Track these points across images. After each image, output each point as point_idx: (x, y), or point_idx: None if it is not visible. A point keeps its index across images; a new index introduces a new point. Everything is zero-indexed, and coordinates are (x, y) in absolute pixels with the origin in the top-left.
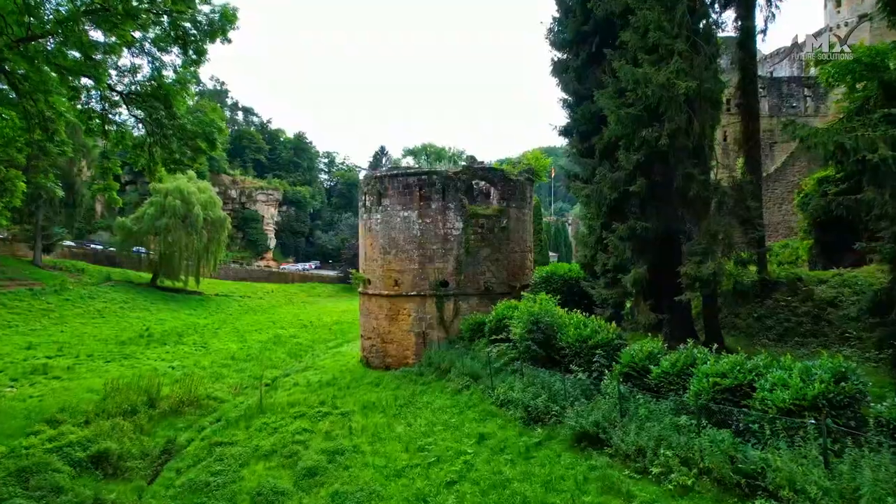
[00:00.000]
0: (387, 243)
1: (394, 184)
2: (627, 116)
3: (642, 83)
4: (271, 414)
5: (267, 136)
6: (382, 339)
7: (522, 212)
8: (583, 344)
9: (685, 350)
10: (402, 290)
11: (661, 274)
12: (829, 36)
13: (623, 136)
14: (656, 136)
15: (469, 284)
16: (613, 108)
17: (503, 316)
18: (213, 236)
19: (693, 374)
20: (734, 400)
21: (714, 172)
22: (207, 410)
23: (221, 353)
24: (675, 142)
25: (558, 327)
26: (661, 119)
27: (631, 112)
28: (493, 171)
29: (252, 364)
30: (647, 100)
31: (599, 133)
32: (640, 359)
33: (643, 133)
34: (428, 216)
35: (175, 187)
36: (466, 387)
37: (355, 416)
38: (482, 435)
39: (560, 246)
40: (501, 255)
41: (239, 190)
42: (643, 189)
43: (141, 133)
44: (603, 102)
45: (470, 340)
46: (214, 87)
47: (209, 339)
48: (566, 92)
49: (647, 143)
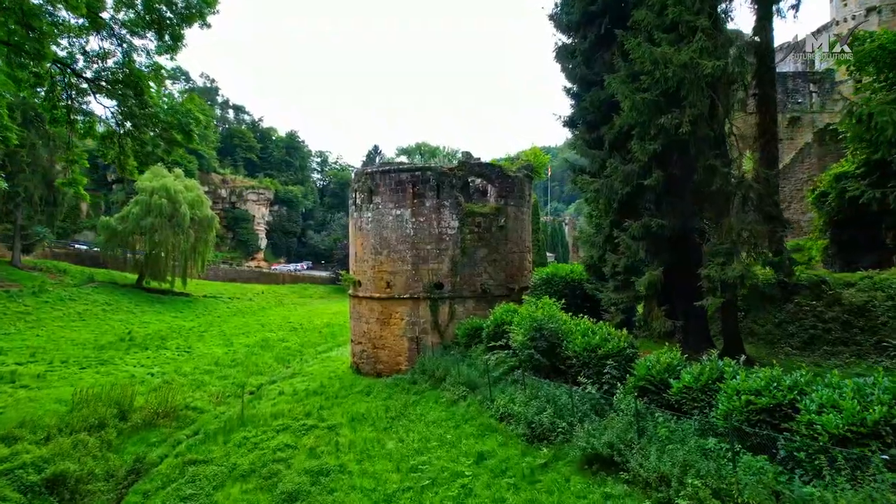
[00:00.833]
0: (378, 243)
1: (386, 180)
2: (643, 102)
3: (661, 64)
4: (253, 427)
5: (258, 135)
6: (373, 344)
7: (521, 210)
8: (591, 353)
9: (709, 362)
10: (395, 292)
11: (675, 276)
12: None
13: (637, 124)
14: (676, 122)
15: (465, 286)
16: (628, 94)
17: (502, 321)
18: (200, 236)
19: (721, 391)
20: (772, 422)
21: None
22: (185, 422)
23: (205, 358)
24: (696, 130)
25: (564, 335)
26: (682, 105)
27: (647, 97)
28: (491, 167)
29: (237, 370)
30: (666, 83)
31: (609, 122)
32: (657, 371)
33: (661, 120)
34: (422, 215)
35: (161, 185)
36: (463, 397)
37: (343, 430)
38: (481, 454)
39: (557, 246)
40: (499, 256)
41: (229, 189)
42: (659, 182)
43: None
44: (615, 87)
45: (466, 346)
46: (204, 85)
47: (194, 342)
48: (571, 79)
49: (664, 132)
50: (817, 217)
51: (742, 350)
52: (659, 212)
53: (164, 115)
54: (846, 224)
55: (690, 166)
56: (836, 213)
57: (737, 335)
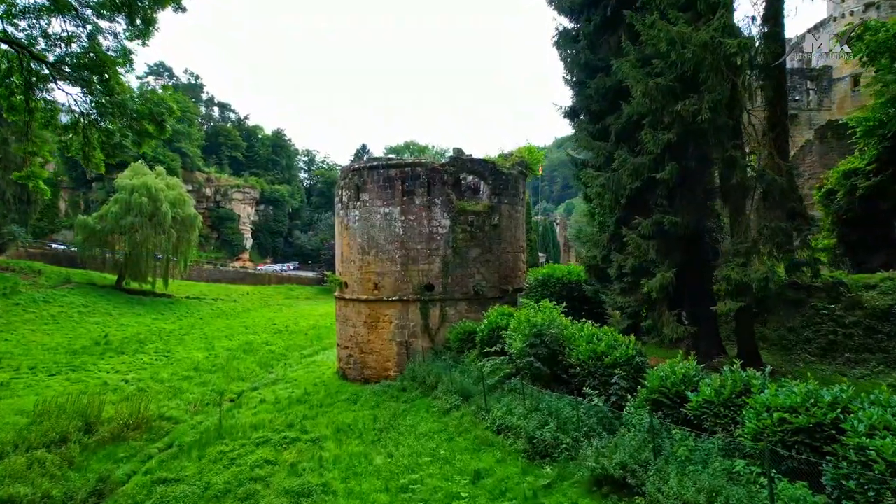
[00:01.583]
0: (366, 242)
1: (373, 177)
2: (657, 88)
3: (678, 44)
4: (231, 439)
5: (244, 133)
6: (360, 348)
7: (515, 208)
8: (597, 362)
9: (731, 373)
10: (383, 294)
11: (685, 278)
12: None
13: (650, 112)
14: (694, 109)
15: (457, 288)
16: (641, 78)
17: (497, 325)
18: (183, 235)
19: (747, 405)
20: (813, 444)
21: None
22: (158, 434)
23: (185, 362)
24: (716, 118)
25: (566, 341)
26: (699, 90)
27: (661, 82)
28: (484, 163)
29: (217, 376)
30: (683, 66)
31: (616, 111)
32: (672, 383)
33: (677, 107)
34: (411, 212)
35: (142, 183)
36: (456, 406)
37: (327, 444)
38: (478, 472)
39: (549, 246)
40: (492, 256)
41: (214, 188)
42: (673, 176)
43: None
44: (626, 72)
45: (458, 352)
46: (189, 82)
47: (173, 346)
48: (573, 67)
49: (680, 120)
50: (824, 216)
51: (758, 358)
52: (672, 208)
53: (133, 104)
54: (855, 223)
55: (706, 159)
56: (844, 212)
57: (752, 342)
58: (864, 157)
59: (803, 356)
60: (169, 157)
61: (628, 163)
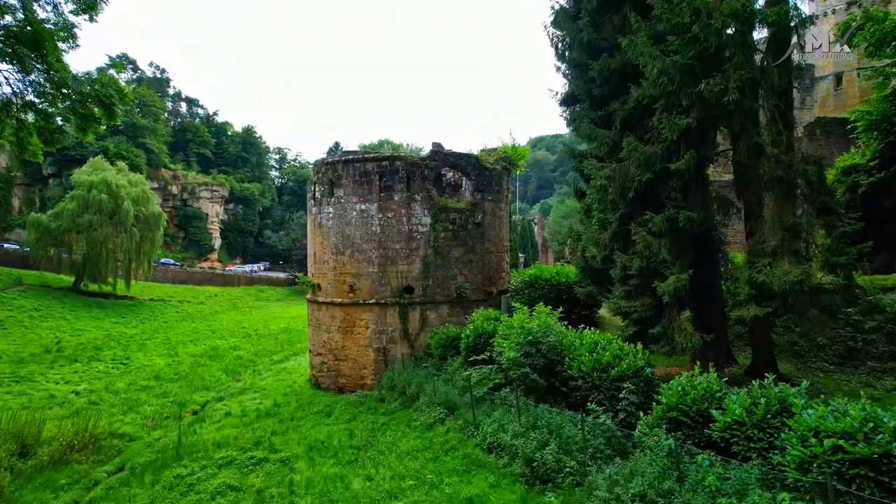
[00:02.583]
0: (340, 242)
1: (349, 171)
2: (674, 66)
3: (703, 14)
4: (191, 460)
5: (213, 130)
6: (335, 355)
7: (499, 206)
8: (602, 374)
9: (762, 387)
10: (359, 297)
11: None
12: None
13: (664, 94)
14: (720, 89)
15: (438, 290)
16: (657, 55)
17: (483, 331)
18: (146, 235)
19: (788, 428)
20: (878, 479)
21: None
22: (108, 455)
23: (144, 371)
24: (744, 99)
25: (565, 350)
26: (723, 69)
27: (678, 60)
28: (467, 157)
29: (180, 385)
30: (704, 42)
31: (621, 96)
32: (693, 399)
33: (699, 87)
34: (390, 209)
35: (101, 180)
36: (440, 420)
37: (299, 464)
38: (470, 500)
39: (527, 246)
40: (475, 256)
41: (181, 185)
42: (691, 166)
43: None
44: (638, 50)
45: (441, 359)
46: (154, 75)
47: (133, 352)
48: (573, 48)
49: (700, 103)
50: None
51: (775, 367)
52: (686, 202)
53: (77, 84)
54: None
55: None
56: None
57: (769, 350)
58: (865, 152)
59: (819, 364)
60: (133, 153)
61: (639, 151)
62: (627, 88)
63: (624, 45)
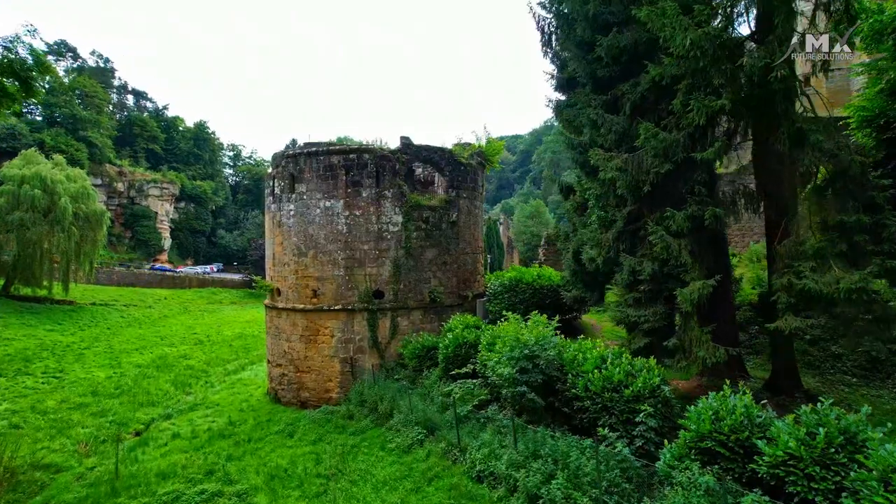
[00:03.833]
0: (303, 242)
1: (312, 164)
2: (707, 38)
3: None
4: (129, 496)
5: (163, 125)
6: (296, 367)
7: (474, 204)
8: (614, 394)
9: (815, 412)
10: (323, 302)
11: None
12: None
13: (691, 72)
14: (764, 63)
15: (410, 295)
16: (689, 25)
17: (464, 340)
18: (87, 234)
19: (862, 467)
20: None
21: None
22: (28, 491)
23: (81, 385)
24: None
25: (567, 366)
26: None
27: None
28: (440, 151)
29: (121, 401)
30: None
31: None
32: (731, 426)
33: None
34: (357, 207)
35: (34, 174)
36: (419, 442)
37: (258, 498)
38: None
39: (493, 247)
40: (450, 258)
41: (128, 182)
42: (720, 155)
43: None
44: (664, 20)
45: (416, 371)
46: (97, 64)
47: (69, 364)
48: (576, 24)
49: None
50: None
51: (799, 382)
52: (712, 197)
53: None
54: None
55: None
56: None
57: (793, 362)
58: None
59: (839, 377)
60: (73, 147)
61: (658, 138)
62: (639, 68)
63: (642, 15)
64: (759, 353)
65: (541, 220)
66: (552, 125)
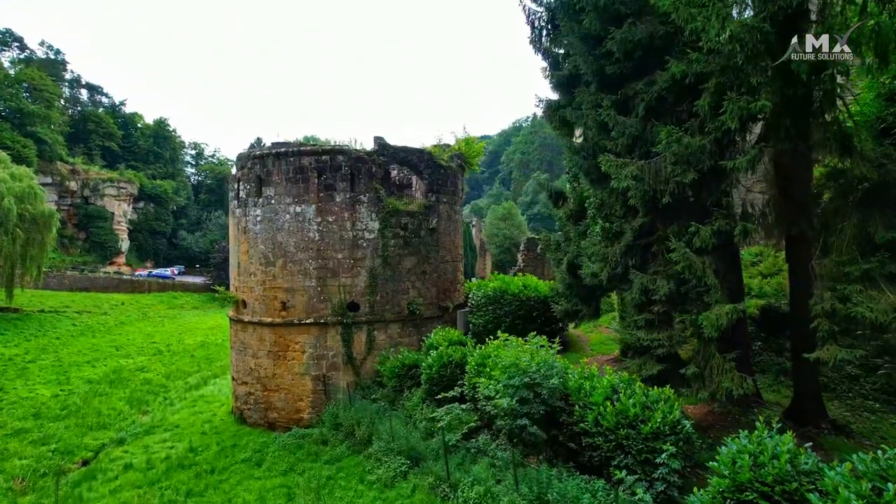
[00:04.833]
0: (271, 250)
1: (281, 166)
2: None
3: None
4: None
5: (120, 121)
6: (264, 385)
7: (454, 209)
8: (631, 430)
9: (879, 460)
10: (293, 316)
11: None
12: None
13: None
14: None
15: (388, 307)
16: (728, 14)
17: (449, 359)
18: (34, 237)
19: None
20: None
21: None
22: None
23: (21, 406)
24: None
25: (572, 396)
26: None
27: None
28: (419, 153)
29: (67, 424)
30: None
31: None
32: (775, 475)
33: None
34: (331, 213)
35: None
36: (402, 474)
37: None
38: None
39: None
40: (430, 267)
41: (81, 181)
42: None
43: None
44: (689, 10)
45: (396, 390)
46: (46, 56)
47: (9, 381)
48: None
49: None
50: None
51: (824, 410)
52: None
53: None
54: None
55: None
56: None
57: (817, 389)
58: None
59: (860, 401)
60: (18, 143)
61: (682, 143)
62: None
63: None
64: (764, 373)
65: (513, 222)
66: (521, 126)
